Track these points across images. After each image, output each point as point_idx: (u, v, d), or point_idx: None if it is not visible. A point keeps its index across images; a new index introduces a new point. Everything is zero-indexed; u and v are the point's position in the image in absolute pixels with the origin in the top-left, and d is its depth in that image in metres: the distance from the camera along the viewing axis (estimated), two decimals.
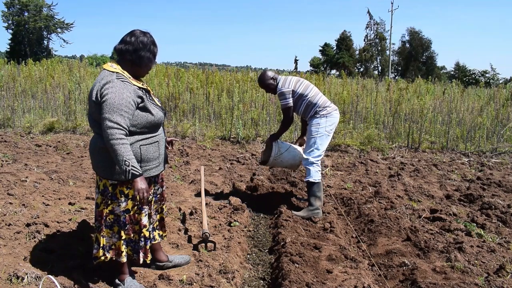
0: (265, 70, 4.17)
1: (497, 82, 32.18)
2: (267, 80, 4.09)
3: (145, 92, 2.35)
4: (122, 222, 2.37)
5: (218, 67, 17.71)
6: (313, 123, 3.97)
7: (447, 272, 2.77)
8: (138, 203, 2.36)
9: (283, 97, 3.99)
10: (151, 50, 2.34)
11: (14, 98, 9.04)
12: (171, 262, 2.79)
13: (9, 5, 38.93)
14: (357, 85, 10.90)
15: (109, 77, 2.23)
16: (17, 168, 5.12)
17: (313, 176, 3.91)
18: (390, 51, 45.98)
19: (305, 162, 3.99)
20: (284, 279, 2.64)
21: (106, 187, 2.34)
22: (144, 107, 2.29)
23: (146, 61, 2.34)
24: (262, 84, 4.15)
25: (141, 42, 2.29)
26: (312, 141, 3.96)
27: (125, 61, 2.32)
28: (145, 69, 2.39)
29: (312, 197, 3.92)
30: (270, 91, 4.17)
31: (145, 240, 2.44)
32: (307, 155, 3.98)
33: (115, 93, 2.15)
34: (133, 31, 2.33)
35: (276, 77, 4.10)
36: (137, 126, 2.27)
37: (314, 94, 4.02)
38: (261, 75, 4.15)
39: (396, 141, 8.06)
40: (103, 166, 2.31)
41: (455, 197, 4.71)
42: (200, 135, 7.97)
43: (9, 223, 3.24)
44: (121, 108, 2.14)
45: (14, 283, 2.45)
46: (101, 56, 45.87)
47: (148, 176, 2.39)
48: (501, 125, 8.20)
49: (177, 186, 4.76)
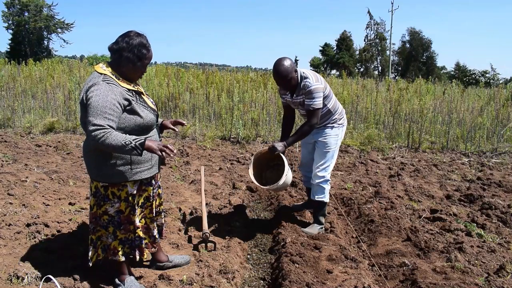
0: (285, 58, 3.19)
1: (497, 82, 32.18)
2: (291, 73, 3.17)
3: (135, 94, 2.31)
4: (117, 222, 2.37)
5: (218, 67, 17.70)
6: (331, 134, 3.44)
7: (447, 272, 2.77)
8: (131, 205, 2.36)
9: (312, 95, 3.20)
10: (134, 52, 2.23)
11: (14, 98, 9.04)
12: (171, 262, 2.79)
13: (9, 5, 38.93)
14: (357, 85, 10.91)
15: (95, 80, 2.20)
16: (17, 168, 5.12)
17: (327, 196, 3.53)
18: (390, 51, 46.01)
19: (320, 180, 3.44)
20: (284, 279, 2.64)
21: (98, 189, 2.33)
22: (131, 110, 2.25)
23: (126, 62, 2.24)
24: (284, 79, 3.18)
25: (126, 43, 2.22)
26: (330, 155, 3.44)
27: (113, 61, 2.30)
28: (129, 71, 2.29)
29: (322, 216, 3.60)
30: (291, 87, 3.29)
31: (140, 240, 2.44)
32: (323, 172, 3.43)
33: (99, 95, 2.12)
34: (127, 32, 2.29)
35: (295, 68, 3.27)
36: (125, 129, 2.23)
37: (335, 99, 3.48)
38: (282, 65, 3.15)
39: (396, 141, 8.06)
40: (93, 168, 2.31)
41: (455, 197, 4.71)
42: (200, 135, 7.97)
43: (9, 223, 3.24)
44: (104, 111, 2.10)
45: (14, 283, 2.45)
46: (101, 56, 45.74)
47: (140, 178, 2.35)
48: (501, 125, 8.20)
49: (177, 186, 4.76)
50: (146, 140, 2.12)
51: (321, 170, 3.44)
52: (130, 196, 2.35)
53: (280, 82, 3.26)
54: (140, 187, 2.41)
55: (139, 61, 2.27)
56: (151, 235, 2.55)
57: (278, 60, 3.20)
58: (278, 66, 3.17)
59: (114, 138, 2.06)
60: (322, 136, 3.45)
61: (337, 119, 3.48)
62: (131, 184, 2.34)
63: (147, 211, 2.52)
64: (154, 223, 2.56)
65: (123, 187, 2.32)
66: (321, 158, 3.45)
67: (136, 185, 2.37)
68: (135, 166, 2.32)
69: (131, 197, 2.36)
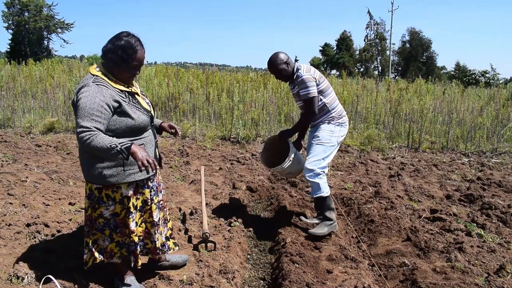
0: (278, 52, 3.50)
1: (497, 82, 32.16)
2: (280, 64, 3.44)
3: (127, 95, 2.28)
4: (113, 225, 2.35)
5: (218, 67, 17.70)
6: (325, 129, 3.47)
7: (447, 272, 2.77)
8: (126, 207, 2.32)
9: (304, 85, 3.37)
10: (118, 54, 2.18)
11: (14, 98, 9.05)
12: (168, 262, 2.77)
13: (10, 5, 38.92)
14: (357, 85, 10.92)
15: (86, 81, 2.20)
16: (17, 168, 5.12)
17: (323, 190, 3.39)
18: (390, 51, 46.01)
19: (309, 174, 3.37)
20: (284, 279, 2.64)
21: (92, 191, 2.31)
22: (122, 112, 2.21)
23: (111, 63, 2.22)
24: (273, 69, 3.48)
25: (112, 44, 2.19)
26: (321, 149, 3.41)
27: (104, 62, 2.28)
28: (117, 72, 2.24)
29: (327, 211, 3.44)
30: (282, 77, 3.53)
31: (135, 245, 2.39)
32: (312, 165, 3.37)
33: (88, 97, 2.10)
34: (119, 33, 2.25)
35: (290, 61, 3.49)
36: (116, 131, 2.20)
37: (333, 97, 3.54)
38: (272, 58, 3.47)
39: (396, 141, 8.06)
40: (86, 170, 2.29)
41: (455, 197, 4.71)
42: (200, 135, 7.97)
43: (9, 223, 3.24)
44: (91, 112, 2.08)
45: (14, 283, 2.45)
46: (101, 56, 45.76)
47: (133, 180, 2.31)
48: (501, 125, 8.20)
49: (177, 186, 4.76)
50: (132, 145, 2.09)
51: (310, 163, 3.38)
52: (125, 198, 2.31)
53: (271, 72, 3.56)
54: (136, 189, 2.37)
55: (123, 62, 2.21)
56: (153, 240, 2.50)
57: (272, 54, 3.51)
58: (270, 58, 3.52)
59: (100, 141, 2.03)
60: (316, 131, 3.51)
61: (334, 117, 3.50)
62: (126, 186, 2.30)
63: (147, 215, 2.46)
64: (155, 227, 2.49)
65: (117, 189, 2.29)
66: (312, 151, 3.44)
67: (131, 187, 2.32)
68: (128, 168, 2.27)
69: (126, 199, 2.31)
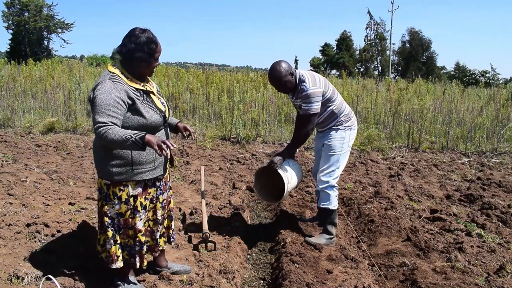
0: (279, 62, 3.11)
1: (497, 82, 32.15)
2: (285, 76, 3.09)
3: (142, 94, 2.32)
4: (117, 226, 2.36)
5: (218, 67, 17.71)
6: (336, 137, 3.27)
7: (447, 272, 2.77)
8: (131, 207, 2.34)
9: (309, 100, 3.08)
10: (145, 50, 2.26)
11: (14, 98, 9.04)
12: (169, 269, 2.74)
13: (9, 5, 38.89)
14: (357, 85, 10.92)
15: (103, 78, 2.26)
16: (17, 168, 5.12)
17: (333, 203, 3.30)
18: (390, 51, 46.00)
19: (323, 185, 3.26)
20: (284, 279, 2.64)
21: (101, 186, 2.36)
22: (135, 109, 2.26)
23: (139, 61, 2.28)
24: (278, 82, 3.12)
25: (134, 43, 2.25)
26: (335, 159, 3.26)
27: (124, 62, 2.32)
28: (141, 69, 2.32)
29: (330, 224, 3.33)
30: (287, 90, 3.22)
31: (141, 245, 2.41)
32: (327, 177, 3.25)
33: (104, 93, 2.16)
34: (132, 31, 2.30)
35: (294, 70, 3.15)
36: (129, 128, 2.23)
37: (340, 100, 3.31)
38: (275, 69, 3.09)
39: (396, 141, 8.06)
40: (98, 165, 2.35)
41: (455, 197, 4.71)
42: (200, 135, 7.97)
43: (9, 223, 3.24)
44: (108, 108, 2.13)
45: (14, 283, 2.45)
46: (101, 56, 45.86)
47: (141, 179, 2.34)
48: (501, 125, 8.20)
49: (177, 186, 4.76)
50: (146, 134, 2.12)
51: (325, 175, 3.26)
52: (131, 198, 2.33)
53: (275, 86, 3.21)
54: (145, 189, 2.39)
55: (151, 57, 2.31)
56: (154, 237, 2.52)
57: (273, 64, 3.15)
58: (272, 70, 3.13)
59: (116, 133, 2.07)
60: (327, 139, 3.31)
61: (343, 121, 3.30)
62: (133, 185, 2.32)
63: (150, 213, 2.48)
64: (158, 225, 2.51)
65: (124, 187, 2.31)
66: (325, 162, 3.29)
67: (138, 186, 2.34)
68: (136, 167, 2.31)
69: (132, 199, 2.33)
